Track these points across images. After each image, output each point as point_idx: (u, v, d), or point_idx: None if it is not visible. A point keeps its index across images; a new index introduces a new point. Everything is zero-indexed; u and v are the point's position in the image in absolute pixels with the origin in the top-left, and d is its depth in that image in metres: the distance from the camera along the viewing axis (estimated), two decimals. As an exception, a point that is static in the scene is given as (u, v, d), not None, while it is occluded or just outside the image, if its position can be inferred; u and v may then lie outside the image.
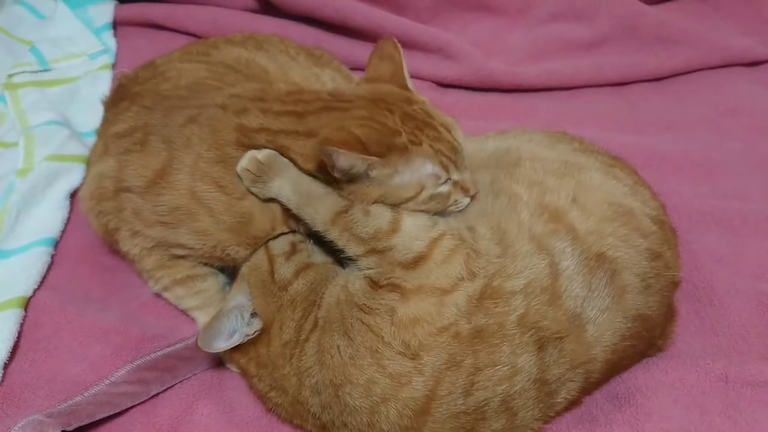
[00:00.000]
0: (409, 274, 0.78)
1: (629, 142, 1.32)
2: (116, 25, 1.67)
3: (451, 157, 0.85)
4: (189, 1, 1.66)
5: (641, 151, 1.29)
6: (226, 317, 0.82)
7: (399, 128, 0.83)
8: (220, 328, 0.81)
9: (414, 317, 0.75)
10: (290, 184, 0.83)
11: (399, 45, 0.95)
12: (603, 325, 0.78)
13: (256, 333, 0.83)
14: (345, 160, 0.77)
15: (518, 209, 0.85)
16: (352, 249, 0.81)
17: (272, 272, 0.86)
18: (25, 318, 0.95)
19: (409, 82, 0.94)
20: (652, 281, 0.83)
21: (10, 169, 1.18)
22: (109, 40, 1.59)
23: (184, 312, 1.01)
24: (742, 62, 1.61)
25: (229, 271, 0.98)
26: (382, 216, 0.81)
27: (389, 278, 0.78)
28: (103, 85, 1.42)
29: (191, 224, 0.87)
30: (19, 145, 1.21)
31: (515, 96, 1.54)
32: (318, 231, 0.83)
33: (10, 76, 1.40)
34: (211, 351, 0.82)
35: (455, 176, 0.86)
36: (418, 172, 0.83)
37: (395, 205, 0.83)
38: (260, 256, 0.89)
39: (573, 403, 0.82)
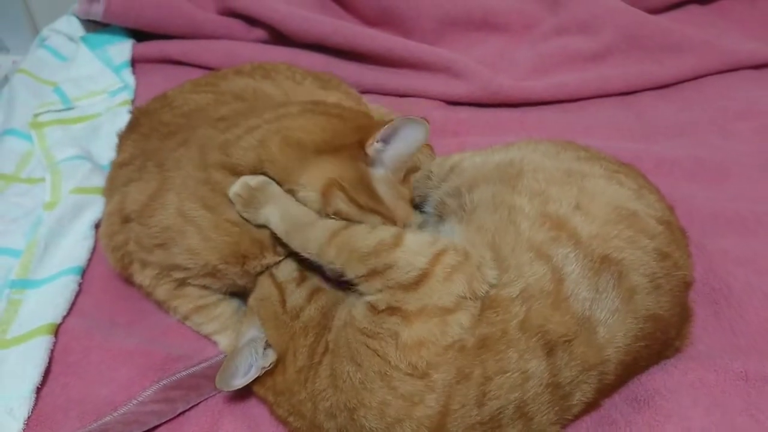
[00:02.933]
0: (411, 295, 0.77)
1: (639, 150, 1.33)
2: (134, 62, 1.73)
3: None
4: (203, 37, 1.73)
5: (651, 157, 1.30)
6: (241, 355, 0.84)
7: None
8: (237, 367, 0.83)
9: (419, 340, 0.75)
10: (279, 212, 0.85)
11: None
12: (614, 327, 0.78)
13: (272, 365, 0.84)
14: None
15: (517, 221, 0.85)
16: (352, 269, 0.80)
17: (283, 301, 0.88)
18: (55, 344, 0.97)
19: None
20: (662, 281, 0.83)
21: (38, 203, 1.23)
22: (128, 77, 1.65)
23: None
24: (749, 66, 1.62)
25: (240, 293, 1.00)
26: (385, 230, 0.82)
27: (389, 303, 0.77)
28: (123, 121, 1.46)
29: (182, 242, 0.90)
30: (45, 180, 1.27)
31: (524, 110, 1.56)
32: (310, 257, 0.83)
33: (36, 115, 1.46)
34: (229, 390, 0.84)
35: None
36: None
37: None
38: (267, 286, 0.90)
39: (591, 406, 0.82)
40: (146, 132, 1.05)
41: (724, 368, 0.89)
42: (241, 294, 1.00)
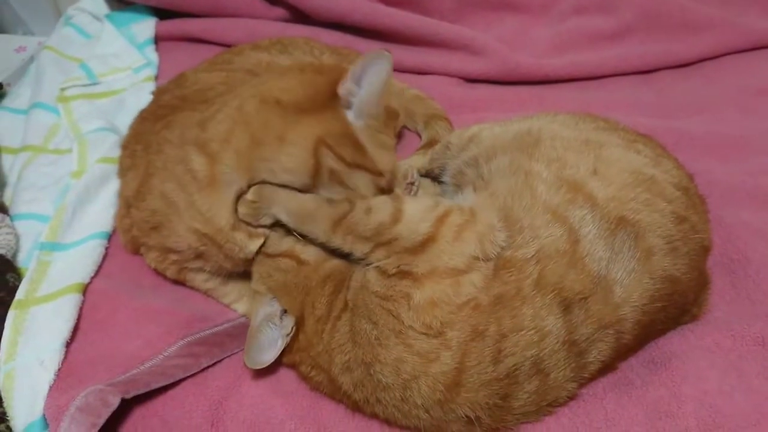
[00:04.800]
0: (418, 258, 0.78)
1: (658, 126, 1.33)
2: (158, 39, 1.76)
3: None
4: (225, 15, 1.74)
5: (670, 133, 1.30)
6: (260, 332, 0.86)
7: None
8: (259, 345, 0.85)
9: (431, 301, 0.76)
10: (284, 209, 0.86)
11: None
12: (630, 286, 0.79)
13: (294, 329, 0.86)
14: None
15: (533, 185, 0.86)
16: (358, 250, 0.82)
17: (301, 261, 0.89)
18: (83, 302, 1.01)
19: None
20: (679, 244, 0.83)
21: (66, 172, 1.26)
22: (152, 54, 1.68)
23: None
24: (768, 44, 1.61)
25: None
26: (383, 209, 0.82)
27: (398, 266, 0.79)
28: (147, 96, 1.50)
29: (168, 225, 0.92)
30: (72, 150, 1.30)
31: (542, 87, 1.57)
32: (321, 242, 0.85)
33: (63, 89, 1.50)
34: (261, 366, 0.86)
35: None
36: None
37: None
38: (266, 264, 0.91)
39: (608, 368, 0.84)
40: (145, 115, 1.08)
41: (741, 334, 0.89)
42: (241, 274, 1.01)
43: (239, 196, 0.88)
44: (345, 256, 0.86)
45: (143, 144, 0.99)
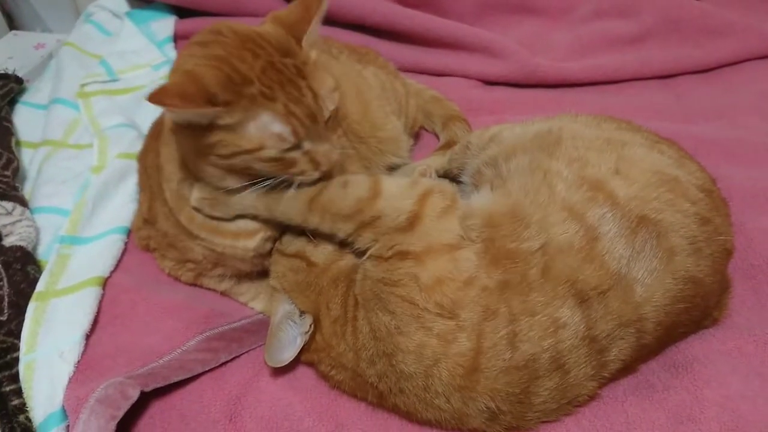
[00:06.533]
0: (410, 236, 0.80)
1: (678, 131, 1.32)
2: (177, 38, 1.77)
3: (306, 123, 0.77)
4: (244, 14, 1.74)
5: (690, 138, 1.28)
6: (280, 330, 0.87)
7: (253, 77, 0.74)
8: (280, 343, 0.86)
9: (436, 277, 0.78)
10: (250, 194, 0.84)
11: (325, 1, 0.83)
12: (652, 286, 0.79)
13: (312, 327, 0.87)
14: (182, 116, 0.75)
15: (552, 183, 0.86)
16: (341, 230, 0.84)
17: (310, 262, 0.89)
18: (103, 296, 1.01)
19: (310, 38, 0.82)
20: (703, 245, 0.82)
21: (86, 167, 1.27)
22: (171, 52, 1.70)
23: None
24: (792, 51, 1.60)
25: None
26: (360, 185, 0.84)
27: (392, 247, 0.80)
28: (166, 94, 1.52)
29: (181, 242, 0.94)
30: (93, 146, 1.31)
31: (561, 91, 1.57)
32: (298, 225, 0.86)
33: (83, 85, 1.51)
34: (282, 364, 0.87)
35: (307, 145, 0.79)
36: (264, 128, 0.75)
37: (233, 155, 0.77)
38: (281, 262, 0.93)
39: (628, 369, 0.84)
40: (154, 133, 1.07)
41: (763, 339, 0.89)
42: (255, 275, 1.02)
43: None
44: (351, 250, 0.87)
45: (143, 164, 1.04)
